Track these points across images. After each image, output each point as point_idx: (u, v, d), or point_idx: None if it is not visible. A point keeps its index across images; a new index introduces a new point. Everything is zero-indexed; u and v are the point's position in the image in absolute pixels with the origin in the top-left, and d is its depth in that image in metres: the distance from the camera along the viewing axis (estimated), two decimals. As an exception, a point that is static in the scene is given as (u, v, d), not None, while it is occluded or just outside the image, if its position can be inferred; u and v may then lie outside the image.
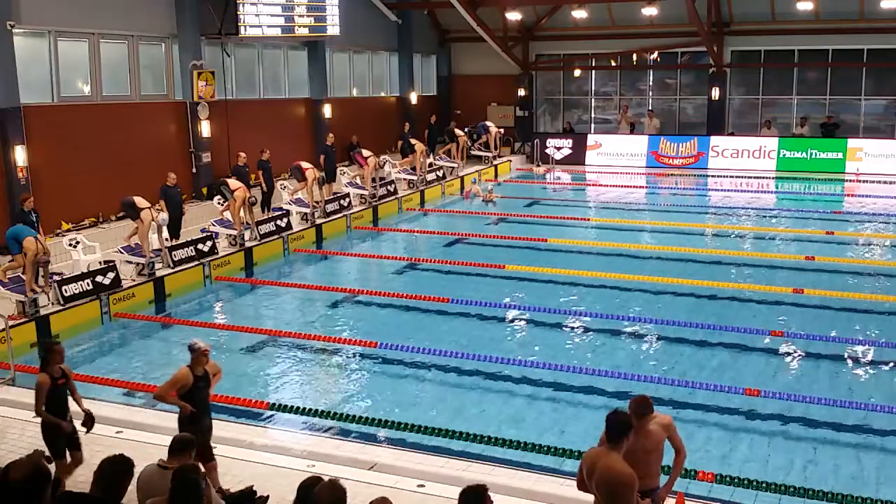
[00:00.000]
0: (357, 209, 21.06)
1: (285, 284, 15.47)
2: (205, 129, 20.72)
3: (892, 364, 11.25)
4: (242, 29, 21.07)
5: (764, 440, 9.09)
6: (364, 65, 28.88)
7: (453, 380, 10.99)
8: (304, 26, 23.16)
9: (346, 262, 17.23)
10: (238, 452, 8.41)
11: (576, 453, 8.43)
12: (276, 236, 17.90)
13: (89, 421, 7.50)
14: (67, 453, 7.44)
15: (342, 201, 20.71)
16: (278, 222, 18.21)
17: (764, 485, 7.75)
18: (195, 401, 7.30)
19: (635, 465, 5.58)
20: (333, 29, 23.95)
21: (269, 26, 21.90)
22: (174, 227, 16.74)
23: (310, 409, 9.82)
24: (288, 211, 19.01)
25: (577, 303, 14.18)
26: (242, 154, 19.47)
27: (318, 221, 19.35)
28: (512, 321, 13.45)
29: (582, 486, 5.68)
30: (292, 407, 9.86)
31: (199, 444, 6.35)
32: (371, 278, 15.53)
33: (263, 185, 19.72)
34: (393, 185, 23.10)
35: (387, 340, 12.00)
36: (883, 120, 28.79)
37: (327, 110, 25.45)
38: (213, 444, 7.52)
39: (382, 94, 29.91)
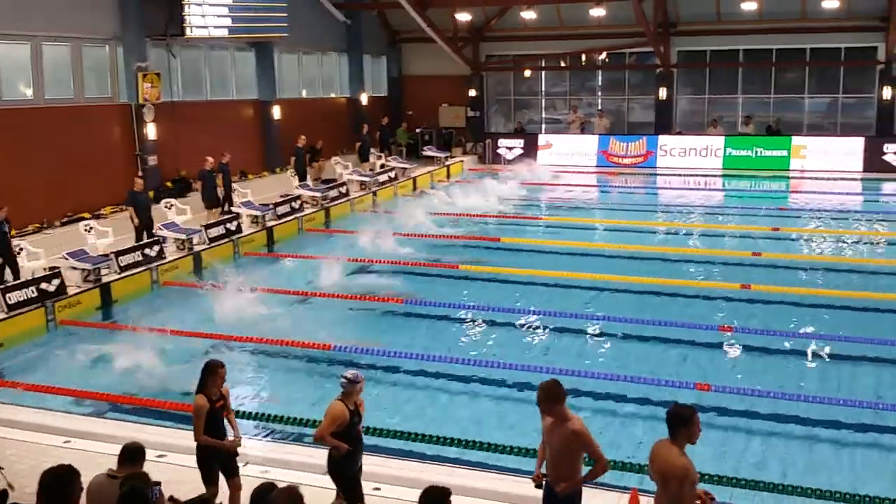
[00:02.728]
0: (308, 211, 20.91)
1: (236, 288, 15.24)
2: (151, 131, 20.40)
3: (839, 357, 11.48)
4: (188, 30, 20.79)
5: (715, 434, 9.19)
6: (313, 66, 28.70)
7: (409, 381, 10.96)
8: (252, 27, 22.92)
9: (297, 265, 17.07)
10: (191, 460, 8.26)
11: (532, 452, 8.46)
12: (225, 240, 17.68)
13: (234, 448, 7.12)
14: (223, 479, 7.06)
15: (293, 203, 20.55)
16: (228, 225, 18.00)
17: (716, 478, 7.84)
18: (351, 438, 6.72)
19: (551, 459, 5.91)
20: (281, 30, 23.75)
21: (215, 27, 21.63)
22: (147, 233, 16.55)
23: (263, 414, 9.71)
24: (238, 214, 18.79)
25: (529, 301, 14.24)
26: (210, 158, 19.32)
27: (269, 224, 19.17)
28: (467, 321, 13.46)
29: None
30: (245, 412, 9.73)
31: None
32: (323, 280, 15.41)
33: (224, 188, 19.66)
34: (345, 187, 22.99)
35: (340, 343, 11.92)
36: (826, 118, 29.41)
37: (276, 111, 25.24)
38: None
39: (333, 96, 29.76)
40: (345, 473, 6.73)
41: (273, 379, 11.45)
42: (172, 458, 8.29)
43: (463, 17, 29.10)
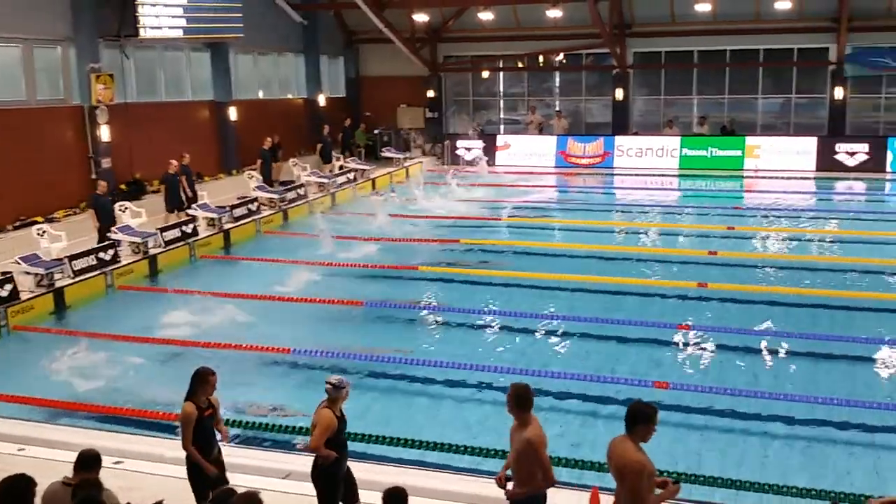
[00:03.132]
0: (266, 213, 20.74)
1: (192, 292, 15.06)
2: (104, 133, 20.06)
3: (794, 353, 11.66)
4: (142, 31, 20.48)
5: (674, 431, 9.28)
6: (270, 66, 28.48)
7: (368, 383, 10.91)
8: (207, 28, 22.68)
9: (255, 268, 16.90)
10: (148, 466, 8.18)
11: (492, 452, 8.48)
12: (181, 243, 17.47)
13: (215, 472, 6.81)
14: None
15: (250, 206, 20.36)
16: (184, 228, 17.78)
17: (674, 474, 7.90)
18: (339, 446, 6.66)
19: (511, 461, 6.02)
20: (237, 30, 23.53)
21: (169, 28, 21.34)
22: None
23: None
24: (194, 216, 18.58)
25: (488, 301, 14.27)
26: (174, 161, 19.11)
27: (226, 227, 18.98)
28: (425, 322, 13.44)
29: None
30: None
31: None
32: (281, 283, 15.29)
33: (187, 189, 19.51)
34: (303, 189, 22.85)
35: (299, 345, 11.85)
36: (779, 118, 29.87)
37: (233, 113, 25.00)
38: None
39: (290, 96, 29.56)
40: (330, 481, 6.68)
41: (231, 383, 11.27)
42: (129, 465, 8.20)
43: (420, 17, 29.07)
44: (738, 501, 7.85)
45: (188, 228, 17.84)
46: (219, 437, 7.06)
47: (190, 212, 18.87)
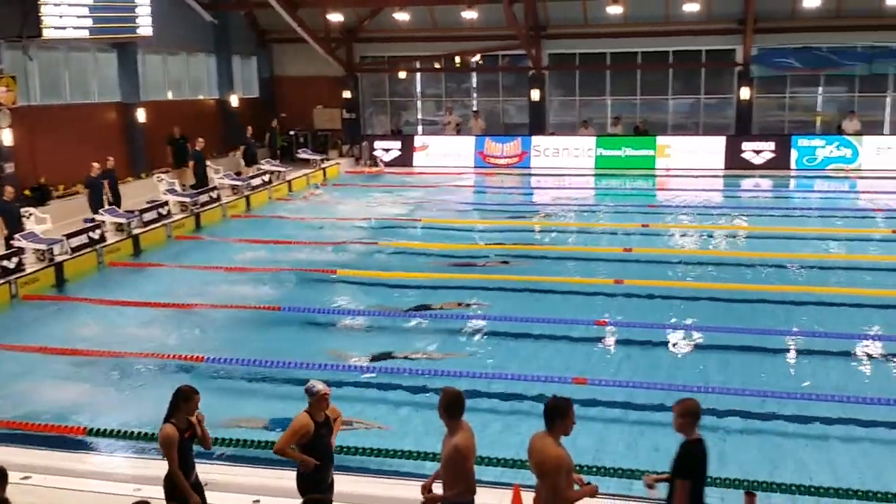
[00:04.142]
0: (177, 217, 20.21)
1: (100, 301, 14.57)
2: (6, 137, 19.25)
3: (709, 346, 11.89)
4: (45, 31, 19.71)
5: (593, 426, 9.37)
6: (180, 67, 27.82)
7: (284, 390, 10.69)
8: (114, 28, 22.01)
9: (167, 274, 16.43)
10: (60, 481, 7.91)
11: (414, 454, 8.42)
12: (89, 249, 16.89)
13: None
14: None
15: (161, 210, 19.82)
16: (91, 234, 17.19)
17: (594, 469, 7.97)
18: (318, 452, 6.50)
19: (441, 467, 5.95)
20: (145, 30, 22.88)
21: (74, 28, 20.59)
22: None
23: (133, 433, 9.29)
24: (101, 222, 17.98)
25: (406, 302, 14.19)
26: (96, 164, 18.57)
27: (136, 232, 18.43)
28: (342, 325, 13.29)
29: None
30: (113, 430, 9.33)
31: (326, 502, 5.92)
32: (195, 290, 14.90)
33: (110, 195, 19.07)
34: (216, 192, 22.36)
35: (214, 354, 11.57)
36: (689, 118, 30.60)
37: (141, 114, 24.32)
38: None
39: (201, 97, 28.93)
40: (310, 489, 6.46)
41: (142, 394, 10.92)
42: (37, 480, 7.92)
43: (335, 17, 28.82)
44: (661, 493, 7.94)
45: (95, 234, 17.25)
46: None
47: (97, 217, 18.27)
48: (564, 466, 5.52)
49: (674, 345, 12.09)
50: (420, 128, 32.82)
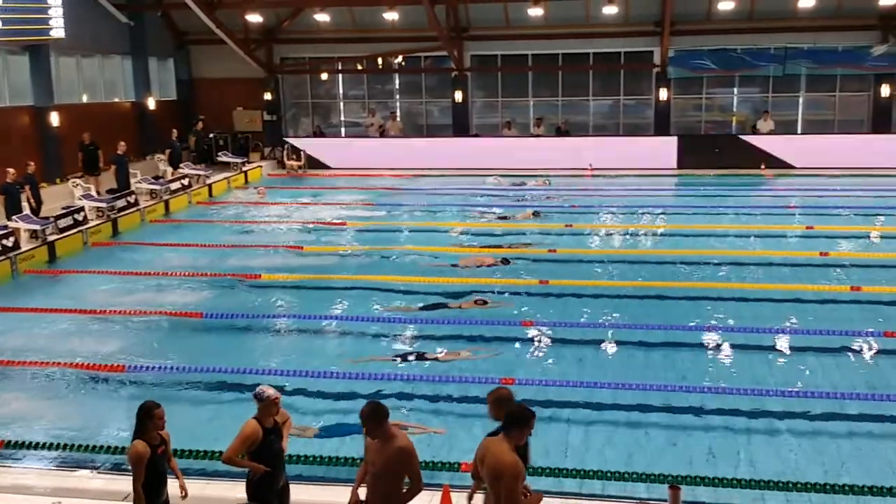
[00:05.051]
0: (94, 223, 19.64)
1: (15, 310, 14.06)
2: (-90, 142, 18.49)
3: (636, 343, 12.05)
4: (-49, 32, 19.02)
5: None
6: (95, 69, 27.05)
7: (210, 397, 10.50)
8: (25, 29, 21.30)
9: (84, 281, 15.94)
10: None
11: (342, 460, 8.34)
12: (1, 257, 16.28)
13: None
14: None
15: (76, 216, 19.23)
16: (3, 242, 16.58)
17: (530, 469, 7.98)
18: (267, 458, 6.39)
19: (372, 481, 5.88)
20: (58, 31, 22.20)
21: (-18, 28, 19.90)
22: None
23: (51, 444, 8.99)
24: (12, 230, 17.35)
25: (329, 307, 14.07)
26: (11, 170, 18.07)
27: (51, 238, 17.85)
28: (265, 330, 13.09)
29: (476, 473, 5.85)
30: (31, 443, 9.02)
31: None
32: (113, 296, 14.51)
33: (32, 200, 18.69)
34: (133, 196, 21.80)
35: (136, 362, 11.29)
36: (609, 119, 31.12)
37: (55, 118, 23.56)
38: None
39: (117, 100, 28.18)
40: (262, 496, 6.37)
41: (60, 404, 10.56)
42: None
43: (254, 18, 28.43)
44: (584, 487, 8.04)
45: (8, 242, 16.64)
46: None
47: (10, 224, 17.63)
48: (521, 474, 5.49)
49: (598, 342, 12.21)
50: (343, 129, 32.60)
